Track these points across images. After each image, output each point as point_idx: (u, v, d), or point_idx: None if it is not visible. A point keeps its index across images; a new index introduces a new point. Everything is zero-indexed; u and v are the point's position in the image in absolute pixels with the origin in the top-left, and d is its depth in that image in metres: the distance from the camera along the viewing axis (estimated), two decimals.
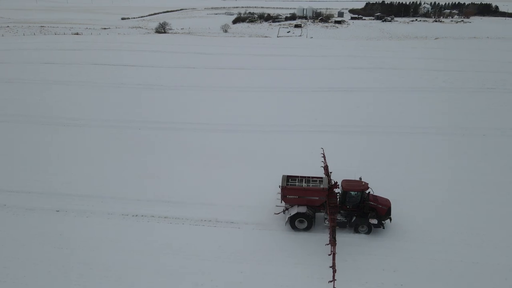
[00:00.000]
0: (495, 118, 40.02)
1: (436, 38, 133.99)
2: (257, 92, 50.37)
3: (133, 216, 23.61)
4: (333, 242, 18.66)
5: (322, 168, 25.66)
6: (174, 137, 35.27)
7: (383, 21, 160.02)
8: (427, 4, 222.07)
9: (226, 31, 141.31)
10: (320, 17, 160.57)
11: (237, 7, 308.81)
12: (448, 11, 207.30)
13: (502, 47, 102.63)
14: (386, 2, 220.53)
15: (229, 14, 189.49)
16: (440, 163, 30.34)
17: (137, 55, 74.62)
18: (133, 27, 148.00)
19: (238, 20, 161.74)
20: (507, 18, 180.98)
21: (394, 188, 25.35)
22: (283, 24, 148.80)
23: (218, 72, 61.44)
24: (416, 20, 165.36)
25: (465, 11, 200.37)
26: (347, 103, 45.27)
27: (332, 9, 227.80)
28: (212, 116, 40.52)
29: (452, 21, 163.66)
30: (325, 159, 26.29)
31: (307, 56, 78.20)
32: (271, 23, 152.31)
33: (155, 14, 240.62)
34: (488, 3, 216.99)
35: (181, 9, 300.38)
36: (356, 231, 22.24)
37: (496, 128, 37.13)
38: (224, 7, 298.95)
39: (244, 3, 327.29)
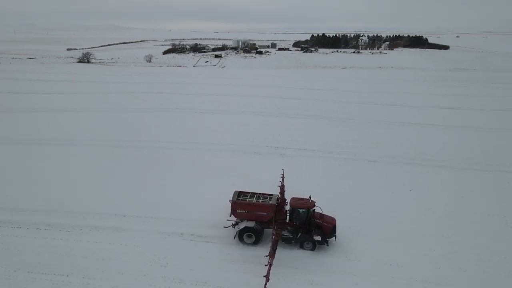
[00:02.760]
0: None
1: (343, 68, 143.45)
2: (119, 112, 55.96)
3: (86, 229, 24.96)
4: (272, 254, 19.79)
5: (279, 187, 26.32)
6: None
7: (304, 52, 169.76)
8: (365, 37, 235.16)
9: (149, 61, 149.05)
10: (245, 48, 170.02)
11: (195, 39, 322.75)
12: (381, 42, 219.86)
13: (379, 76, 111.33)
14: (326, 35, 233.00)
15: (172, 46, 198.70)
16: (377, 187, 31.80)
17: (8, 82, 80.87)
18: (62, 57, 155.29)
19: (169, 51, 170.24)
20: (426, 49, 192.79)
21: (342, 208, 26.62)
22: (206, 55, 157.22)
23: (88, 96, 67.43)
24: (337, 51, 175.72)
25: (395, 43, 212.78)
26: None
27: (270, 41, 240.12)
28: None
29: (371, 52, 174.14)
30: (283, 180, 26.81)
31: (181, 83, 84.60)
32: (196, 54, 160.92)
33: (108, 45, 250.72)
34: (420, 35, 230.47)
35: (141, 41, 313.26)
36: (302, 247, 22.82)
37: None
38: (183, 39, 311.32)
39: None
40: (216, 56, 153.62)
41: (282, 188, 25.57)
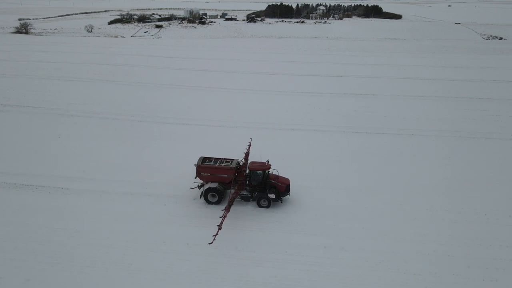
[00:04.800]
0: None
1: (279, 38, 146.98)
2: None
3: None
4: (227, 208, 22.77)
5: (244, 153, 29.08)
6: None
7: (248, 22, 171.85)
8: (323, 6, 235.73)
9: (90, 31, 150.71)
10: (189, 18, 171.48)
11: (161, 9, 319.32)
12: (339, 12, 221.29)
13: (304, 46, 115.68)
14: (285, 4, 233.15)
15: (120, 16, 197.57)
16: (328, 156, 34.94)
17: None
18: (3, 28, 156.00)
19: (115, 21, 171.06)
20: (373, 19, 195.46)
21: (301, 173, 30.22)
22: (148, 25, 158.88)
23: None
24: (282, 21, 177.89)
25: (348, 13, 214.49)
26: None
27: (223, 10, 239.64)
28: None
29: (315, 22, 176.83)
30: (249, 147, 29.80)
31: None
32: (138, 24, 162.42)
33: (66, 15, 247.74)
34: (377, 4, 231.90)
35: (105, 11, 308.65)
36: (259, 204, 26.04)
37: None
38: (149, 9, 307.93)
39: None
40: (157, 26, 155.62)
41: (246, 154, 28.67)
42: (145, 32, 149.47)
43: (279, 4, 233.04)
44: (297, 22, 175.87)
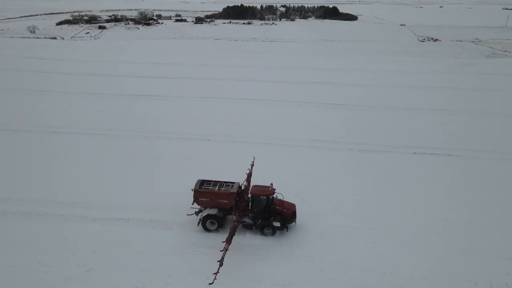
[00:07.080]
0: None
1: (216, 39, 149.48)
2: None
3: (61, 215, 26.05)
4: (228, 240, 20.76)
5: (246, 174, 26.87)
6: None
7: (195, 23, 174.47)
8: (282, 7, 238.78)
9: (33, 32, 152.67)
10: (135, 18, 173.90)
11: (133, 9, 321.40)
12: (294, 12, 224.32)
13: (233, 48, 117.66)
14: (246, 5, 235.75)
15: (72, 17, 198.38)
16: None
17: None
18: None
19: (64, 22, 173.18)
20: (323, 20, 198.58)
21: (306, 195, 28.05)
22: (92, 26, 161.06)
23: None
24: (230, 22, 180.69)
25: (304, 14, 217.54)
26: None
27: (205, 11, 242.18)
28: None
29: (261, 24, 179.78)
30: (251, 168, 27.46)
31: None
32: (85, 25, 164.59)
33: (30, 16, 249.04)
34: (335, 5, 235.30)
35: (75, 11, 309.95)
36: (262, 233, 24.01)
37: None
38: (118, 9, 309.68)
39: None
40: (100, 27, 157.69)
41: (249, 176, 26.49)
42: (86, 33, 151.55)
43: (239, 5, 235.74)
44: (244, 23, 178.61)
